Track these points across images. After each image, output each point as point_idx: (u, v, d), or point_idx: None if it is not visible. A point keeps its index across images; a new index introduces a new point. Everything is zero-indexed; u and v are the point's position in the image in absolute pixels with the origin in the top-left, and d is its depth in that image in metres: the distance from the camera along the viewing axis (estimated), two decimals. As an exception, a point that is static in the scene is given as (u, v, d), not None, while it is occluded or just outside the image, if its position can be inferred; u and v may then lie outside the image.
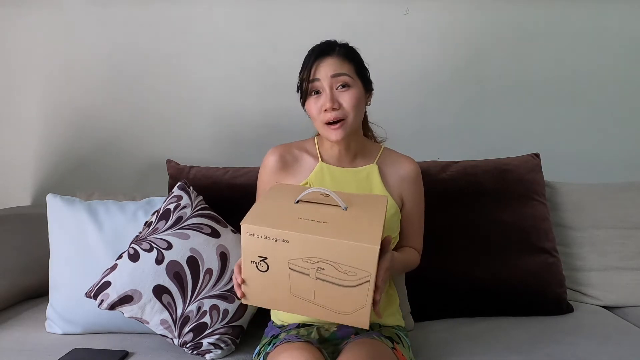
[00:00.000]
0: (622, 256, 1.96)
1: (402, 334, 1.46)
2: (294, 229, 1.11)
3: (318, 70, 1.38)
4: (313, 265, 1.11)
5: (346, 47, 1.44)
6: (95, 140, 2.41)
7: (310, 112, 1.42)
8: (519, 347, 1.53)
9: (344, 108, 1.38)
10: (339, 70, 1.38)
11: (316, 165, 1.50)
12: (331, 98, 1.37)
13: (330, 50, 1.40)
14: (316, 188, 1.24)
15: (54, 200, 1.77)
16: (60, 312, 1.68)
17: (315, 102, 1.40)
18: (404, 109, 2.37)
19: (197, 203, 1.68)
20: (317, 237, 1.09)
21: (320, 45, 1.43)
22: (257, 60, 2.33)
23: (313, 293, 1.15)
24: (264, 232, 1.11)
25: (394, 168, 1.52)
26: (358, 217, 1.18)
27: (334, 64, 1.38)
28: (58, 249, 1.73)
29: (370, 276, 1.10)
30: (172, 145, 2.38)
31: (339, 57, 1.39)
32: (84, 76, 2.38)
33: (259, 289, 1.19)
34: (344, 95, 1.38)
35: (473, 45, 2.36)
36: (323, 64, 1.38)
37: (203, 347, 1.51)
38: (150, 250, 1.54)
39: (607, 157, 2.41)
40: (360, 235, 1.10)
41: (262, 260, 1.14)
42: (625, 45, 2.37)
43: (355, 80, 1.40)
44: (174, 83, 2.37)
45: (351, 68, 1.40)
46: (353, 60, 1.42)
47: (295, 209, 1.20)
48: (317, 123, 1.42)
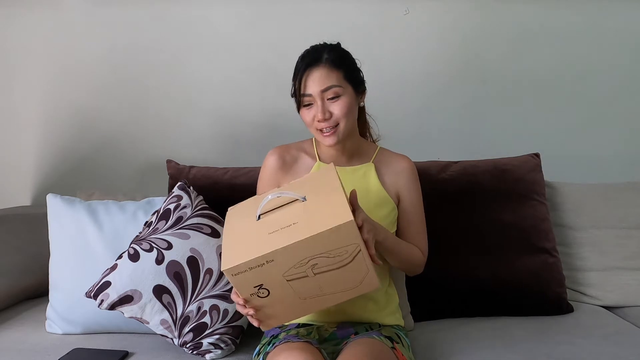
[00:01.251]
0: (622, 256, 1.95)
1: (401, 333, 1.46)
2: (271, 246, 1.10)
3: (308, 84, 1.41)
4: (307, 266, 1.12)
5: (334, 52, 1.44)
6: (96, 140, 2.41)
7: (304, 120, 1.46)
8: (518, 347, 1.53)
9: (335, 117, 1.41)
10: (328, 84, 1.40)
11: (314, 165, 1.53)
12: (322, 110, 1.40)
13: (318, 60, 1.41)
14: (269, 193, 1.23)
15: (54, 200, 1.77)
16: (60, 312, 1.68)
17: (308, 112, 1.43)
18: (404, 109, 2.37)
19: (197, 203, 1.68)
20: (296, 242, 1.09)
21: (309, 53, 1.45)
22: (257, 61, 2.33)
23: (320, 288, 1.17)
24: (246, 265, 1.10)
25: (390, 166, 1.55)
26: (319, 201, 1.18)
27: (322, 76, 1.40)
28: (58, 249, 1.73)
29: (358, 245, 1.12)
30: (172, 145, 2.38)
31: (327, 67, 1.40)
32: (84, 76, 2.38)
33: (271, 312, 1.21)
34: (335, 105, 1.41)
35: (473, 45, 2.36)
36: (312, 77, 1.40)
37: (203, 347, 1.51)
38: (151, 250, 1.54)
39: (607, 157, 2.40)
40: (330, 218, 1.10)
41: (259, 288, 1.15)
42: (625, 45, 2.37)
43: (345, 88, 1.42)
44: (174, 83, 2.37)
45: (340, 76, 1.41)
46: (342, 66, 1.43)
47: (261, 225, 1.19)
48: (312, 130, 1.47)
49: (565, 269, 1.91)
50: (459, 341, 1.60)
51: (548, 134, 2.39)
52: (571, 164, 2.35)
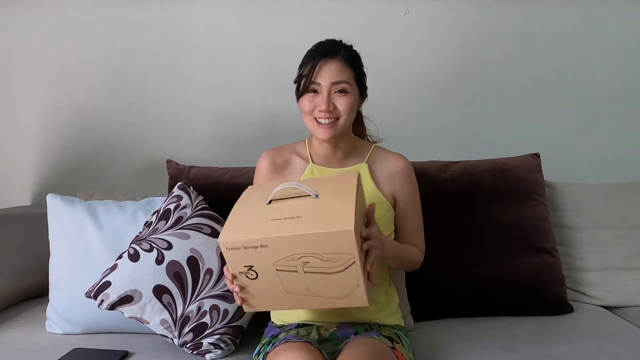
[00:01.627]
0: (622, 256, 1.95)
1: (401, 333, 1.46)
2: (269, 233, 1.11)
3: (320, 73, 1.40)
4: (298, 262, 1.12)
5: (350, 51, 1.45)
6: (96, 140, 2.41)
7: (303, 107, 1.44)
8: (518, 347, 1.53)
9: (338, 110, 1.41)
10: (340, 78, 1.39)
11: (306, 167, 1.52)
12: (327, 101, 1.39)
13: (335, 53, 1.41)
14: (286, 183, 1.24)
15: (54, 200, 1.78)
16: (60, 312, 1.69)
17: (311, 100, 1.42)
18: (404, 109, 2.37)
19: (197, 203, 1.68)
20: (293, 235, 1.10)
21: (326, 45, 1.44)
22: (257, 61, 2.33)
23: (306, 287, 1.16)
24: (242, 243, 1.12)
25: (384, 165, 1.53)
26: (329, 202, 1.17)
27: (336, 69, 1.40)
28: (58, 249, 1.73)
29: (354, 257, 1.11)
30: (172, 145, 2.39)
31: (342, 62, 1.41)
32: (84, 76, 2.38)
33: (256, 295, 1.21)
34: (340, 99, 1.40)
35: (473, 45, 2.37)
36: (326, 68, 1.40)
37: (203, 347, 1.51)
38: (151, 250, 1.54)
39: (607, 157, 2.41)
40: (333, 222, 1.10)
41: (249, 269, 1.15)
42: (625, 45, 2.38)
43: (352, 87, 1.42)
44: (175, 83, 2.38)
45: (351, 74, 1.42)
46: (354, 66, 1.44)
47: (268, 210, 1.20)
48: (308, 118, 1.44)
49: (565, 269, 1.91)
50: (459, 341, 1.59)
51: (548, 134, 2.39)
52: (571, 164, 2.35)
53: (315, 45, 1.46)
